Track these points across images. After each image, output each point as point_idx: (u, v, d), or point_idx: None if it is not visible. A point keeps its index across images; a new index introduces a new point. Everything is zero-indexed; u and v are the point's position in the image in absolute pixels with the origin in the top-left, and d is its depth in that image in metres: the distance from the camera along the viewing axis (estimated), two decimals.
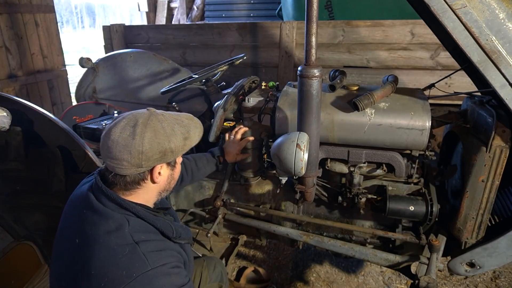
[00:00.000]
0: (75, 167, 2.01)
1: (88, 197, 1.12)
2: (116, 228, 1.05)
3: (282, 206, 2.01)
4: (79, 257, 1.04)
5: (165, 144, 1.07)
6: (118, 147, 1.04)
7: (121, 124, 1.07)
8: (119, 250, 1.01)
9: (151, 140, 1.05)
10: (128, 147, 1.04)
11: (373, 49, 3.44)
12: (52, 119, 1.93)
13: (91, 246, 1.03)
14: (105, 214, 1.07)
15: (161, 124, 1.08)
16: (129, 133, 1.05)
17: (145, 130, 1.05)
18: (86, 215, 1.09)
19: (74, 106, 2.90)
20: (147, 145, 1.05)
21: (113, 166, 1.07)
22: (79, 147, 1.96)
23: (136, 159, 1.05)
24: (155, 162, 1.09)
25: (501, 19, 1.31)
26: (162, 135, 1.07)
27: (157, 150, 1.07)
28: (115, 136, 1.05)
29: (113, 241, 1.03)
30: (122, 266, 0.99)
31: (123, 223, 1.06)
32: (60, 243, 1.16)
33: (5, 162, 1.63)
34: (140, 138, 1.04)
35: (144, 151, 1.04)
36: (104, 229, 1.04)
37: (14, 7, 4.06)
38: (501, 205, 1.81)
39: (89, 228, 1.06)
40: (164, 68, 3.04)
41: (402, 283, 2.55)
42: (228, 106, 1.88)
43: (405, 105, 1.65)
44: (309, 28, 1.34)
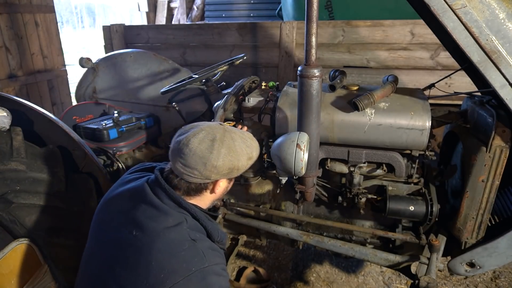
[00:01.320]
0: (75, 167, 2.01)
1: (146, 193, 1.18)
2: (175, 225, 1.12)
3: (282, 206, 2.01)
4: (138, 248, 1.08)
5: (234, 162, 1.16)
6: (195, 157, 1.11)
7: (200, 136, 1.13)
8: (179, 244, 1.08)
9: (225, 156, 1.13)
10: (204, 159, 1.11)
11: (373, 49, 3.44)
12: (52, 119, 1.93)
13: (150, 238, 1.08)
14: (164, 211, 1.14)
15: (234, 142, 1.17)
16: (207, 146, 1.12)
17: (221, 146, 1.13)
18: (144, 209, 1.14)
19: (74, 106, 2.90)
20: (221, 161, 1.13)
21: (183, 172, 1.14)
22: (79, 147, 1.96)
23: (209, 171, 1.13)
24: (222, 176, 1.18)
25: (501, 19, 1.31)
26: (234, 153, 1.16)
27: (227, 167, 1.15)
28: (193, 146, 1.11)
29: (173, 235, 1.09)
30: (182, 260, 1.05)
31: (182, 221, 1.14)
32: (103, 231, 1.20)
33: (5, 162, 1.63)
34: (217, 153, 1.12)
35: (218, 166, 1.12)
36: (164, 224, 1.11)
37: (14, 7, 4.06)
38: (501, 205, 1.81)
39: (149, 221, 1.11)
40: (164, 68, 3.04)
41: (402, 283, 2.55)
42: (228, 106, 1.88)
43: (405, 105, 1.65)
44: (309, 28, 1.34)
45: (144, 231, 1.10)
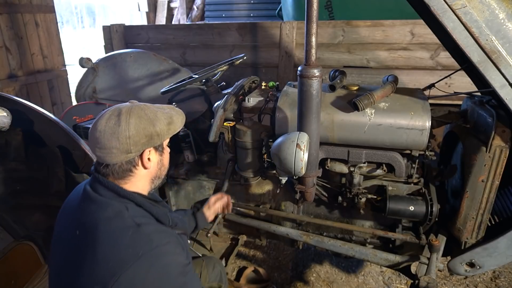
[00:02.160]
0: (75, 167, 2.01)
1: (85, 191, 1.14)
2: (116, 215, 1.07)
3: (282, 206, 2.01)
4: (81, 246, 1.05)
5: (150, 128, 1.12)
6: (106, 135, 1.08)
7: (106, 116, 1.11)
8: (122, 232, 1.04)
9: (136, 125, 1.09)
10: (115, 134, 1.07)
11: (373, 49, 3.44)
12: (52, 119, 1.93)
13: (93, 233, 1.04)
14: (103, 203, 1.09)
15: (143, 111, 1.13)
16: (114, 121, 1.09)
17: (129, 117, 1.09)
18: (84, 207, 1.11)
19: (74, 106, 2.89)
20: (133, 130, 1.09)
21: (103, 156, 1.10)
22: (79, 147, 1.96)
23: (125, 144, 1.08)
24: (143, 146, 1.12)
25: (501, 19, 1.31)
26: (146, 120, 1.12)
27: (143, 134, 1.11)
28: (101, 127, 1.09)
29: (114, 225, 1.05)
30: (127, 246, 1.01)
31: (122, 210, 1.09)
32: (58, 241, 1.17)
33: (5, 162, 1.63)
34: (125, 124, 1.08)
35: (131, 135, 1.08)
36: (104, 216, 1.07)
37: (14, 7, 4.06)
38: (501, 205, 1.81)
39: (89, 217, 1.08)
40: (164, 68, 3.03)
41: (402, 283, 2.55)
42: (228, 106, 1.88)
43: (405, 105, 1.65)
44: (309, 28, 1.34)
45: (86, 228, 1.07)
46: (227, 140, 1.98)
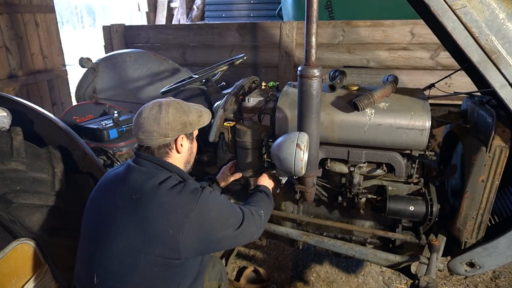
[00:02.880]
0: (75, 167, 2.01)
1: (130, 166, 1.35)
2: (166, 178, 1.31)
3: (282, 206, 2.01)
4: (143, 204, 1.24)
5: (184, 117, 1.36)
6: (149, 121, 1.32)
7: (149, 106, 1.35)
8: (177, 186, 1.29)
9: (174, 114, 1.33)
10: (157, 120, 1.31)
11: (373, 49, 3.44)
12: (52, 119, 1.93)
13: (153, 193, 1.26)
14: (152, 173, 1.32)
15: (179, 104, 1.38)
16: (156, 110, 1.33)
17: (169, 107, 1.34)
18: (134, 178, 1.31)
19: (74, 106, 2.89)
20: (171, 117, 1.33)
21: (145, 139, 1.33)
22: (79, 147, 1.96)
23: (164, 129, 1.32)
24: (178, 132, 1.35)
25: (501, 19, 1.31)
26: (182, 111, 1.36)
27: (179, 122, 1.34)
28: (145, 114, 1.33)
29: (170, 183, 1.29)
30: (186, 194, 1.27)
31: (171, 175, 1.33)
32: (100, 211, 1.34)
33: (5, 162, 1.63)
34: (165, 112, 1.32)
35: (169, 121, 1.32)
36: (157, 181, 1.29)
37: (14, 7, 4.06)
38: (501, 205, 1.81)
39: (143, 183, 1.28)
40: (164, 68, 3.04)
41: (402, 283, 2.55)
42: (228, 106, 1.88)
43: (405, 105, 1.65)
44: (309, 28, 1.34)
45: (143, 191, 1.26)
46: (227, 140, 1.98)
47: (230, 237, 1.35)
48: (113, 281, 1.26)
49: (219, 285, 1.76)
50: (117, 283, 1.26)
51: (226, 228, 1.33)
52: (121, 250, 1.24)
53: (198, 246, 1.29)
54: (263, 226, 1.53)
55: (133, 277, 1.25)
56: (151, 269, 1.24)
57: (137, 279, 1.25)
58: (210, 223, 1.29)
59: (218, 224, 1.31)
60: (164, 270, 1.26)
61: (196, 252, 1.31)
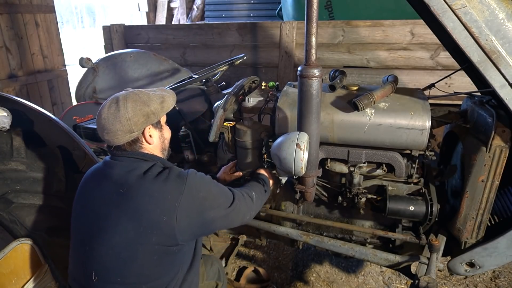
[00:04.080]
0: (75, 167, 2.01)
1: (111, 164, 1.33)
2: (150, 167, 1.30)
3: (282, 206, 2.01)
4: (132, 196, 1.24)
5: (145, 108, 1.31)
6: (110, 121, 1.27)
7: (107, 104, 1.30)
8: (163, 173, 1.28)
9: (133, 107, 1.28)
10: (117, 118, 1.27)
11: (373, 49, 3.44)
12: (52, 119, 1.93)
13: (139, 183, 1.26)
14: (134, 164, 1.31)
15: (138, 95, 1.32)
16: (114, 108, 1.28)
17: (126, 102, 1.28)
18: (117, 173, 1.29)
19: (74, 106, 2.89)
20: (131, 112, 1.28)
21: (111, 139, 1.30)
22: (79, 147, 1.96)
23: (127, 125, 1.27)
24: (142, 125, 1.31)
25: (501, 19, 1.31)
26: (141, 102, 1.30)
27: (141, 114, 1.29)
28: (104, 114, 1.29)
29: (154, 171, 1.29)
30: (173, 179, 1.27)
31: (154, 163, 1.32)
32: (88, 210, 1.32)
33: (5, 162, 1.63)
34: (124, 108, 1.27)
35: (130, 117, 1.27)
36: (141, 171, 1.28)
37: (14, 7, 4.06)
38: (501, 205, 1.81)
39: (128, 176, 1.27)
40: (164, 68, 3.04)
41: (402, 283, 2.55)
42: (228, 106, 1.88)
43: (405, 105, 1.65)
44: (309, 28, 1.34)
45: (130, 183, 1.26)
46: (227, 140, 1.98)
47: (222, 216, 1.37)
48: (113, 276, 1.26)
49: (216, 284, 1.76)
50: (117, 277, 1.26)
51: (217, 206, 1.35)
52: (117, 244, 1.24)
53: (193, 228, 1.30)
54: (255, 209, 1.55)
55: (132, 269, 1.25)
56: (150, 258, 1.25)
57: (137, 270, 1.26)
58: (201, 203, 1.30)
59: (209, 204, 1.32)
60: (162, 257, 1.28)
61: (192, 235, 1.33)
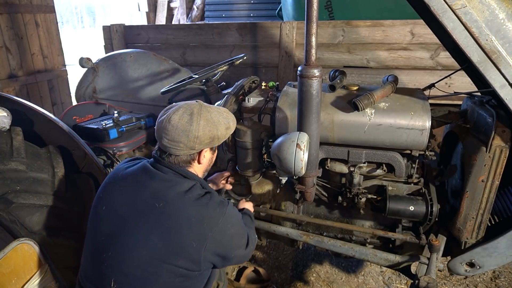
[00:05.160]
0: (75, 167, 2.01)
1: (151, 172, 1.30)
2: (191, 187, 1.28)
3: (282, 206, 2.01)
4: (167, 214, 1.22)
5: (214, 131, 1.30)
6: (178, 131, 1.25)
7: (180, 112, 1.27)
8: (203, 198, 1.27)
9: (205, 127, 1.27)
10: (186, 132, 1.25)
11: (373, 49, 3.44)
12: (52, 119, 1.93)
13: (177, 203, 1.23)
14: (176, 180, 1.28)
15: (210, 115, 1.30)
16: (187, 120, 1.26)
17: (200, 118, 1.27)
18: (157, 184, 1.27)
19: (74, 106, 2.89)
20: (201, 131, 1.27)
21: (169, 147, 1.28)
22: (79, 147, 1.96)
23: (192, 142, 1.27)
24: (205, 146, 1.31)
25: (501, 19, 1.31)
26: (212, 123, 1.30)
27: (208, 136, 1.29)
28: (175, 122, 1.26)
29: (195, 193, 1.27)
30: (212, 208, 1.26)
31: (194, 184, 1.31)
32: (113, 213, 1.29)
33: (5, 162, 1.63)
34: (196, 125, 1.26)
35: (199, 136, 1.27)
36: (182, 189, 1.26)
37: (14, 7, 4.06)
38: (501, 205, 1.81)
39: (167, 191, 1.25)
40: (164, 68, 3.04)
41: (402, 283, 2.55)
42: (228, 106, 1.88)
43: (405, 105, 1.65)
44: (309, 28, 1.34)
45: (168, 199, 1.23)
46: (227, 140, 1.97)
47: (240, 256, 1.40)
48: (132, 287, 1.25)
49: (217, 285, 1.76)
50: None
51: (239, 247, 1.38)
52: (143, 258, 1.22)
53: (215, 259, 1.31)
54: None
55: (153, 286, 1.24)
56: (172, 279, 1.25)
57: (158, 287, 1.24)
58: (229, 239, 1.32)
59: (235, 242, 1.35)
60: (183, 280, 1.28)
61: (211, 265, 1.33)
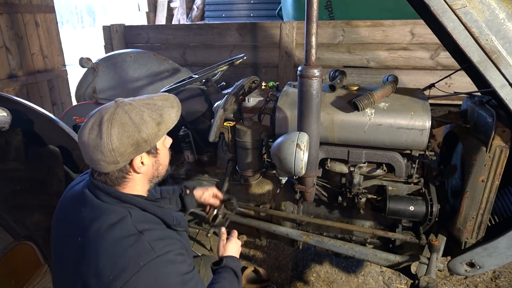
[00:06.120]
0: (75, 167, 2.01)
1: (85, 195, 1.11)
2: (119, 221, 1.05)
3: (282, 206, 2.01)
4: (84, 255, 1.03)
5: (135, 136, 1.05)
6: (90, 148, 1.04)
7: (89, 125, 1.05)
8: (124, 241, 1.02)
9: (119, 135, 1.03)
10: (98, 148, 1.03)
11: (373, 49, 3.44)
12: (52, 119, 1.93)
13: (95, 241, 1.02)
14: (105, 209, 1.07)
15: (128, 115, 1.05)
16: (96, 133, 1.03)
17: (110, 126, 1.03)
18: (85, 213, 1.09)
19: (74, 106, 2.89)
20: (116, 142, 1.02)
21: (93, 166, 1.09)
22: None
23: (110, 157, 1.03)
24: (130, 155, 1.07)
25: (501, 19, 1.31)
26: (131, 127, 1.04)
27: (128, 144, 1.04)
28: (85, 139, 1.05)
29: (118, 232, 1.03)
30: (128, 256, 0.99)
31: (125, 215, 1.07)
32: (59, 245, 1.16)
33: (5, 162, 1.63)
34: (107, 136, 1.02)
35: (115, 148, 1.03)
36: (106, 223, 1.04)
37: (14, 7, 4.06)
38: (501, 205, 1.81)
39: (91, 224, 1.05)
40: (164, 68, 3.04)
41: (402, 283, 2.55)
42: (228, 106, 1.88)
43: (405, 105, 1.65)
44: (309, 28, 1.34)
45: (88, 235, 1.04)
46: (227, 140, 1.97)
47: None
48: None
49: None
50: None
51: None
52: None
53: None
54: None
55: None
56: None
57: None
58: None
59: None
60: None
61: None
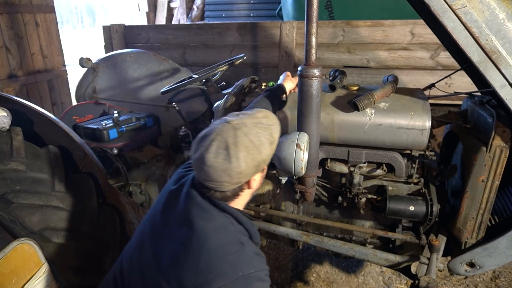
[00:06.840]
0: (75, 167, 2.01)
1: (193, 194, 1.18)
2: (224, 226, 1.13)
3: (282, 206, 2.01)
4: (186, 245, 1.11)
5: (258, 158, 1.12)
6: (217, 171, 1.08)
7: (213, 148, 1.08)
8: (228, 247, 1.09)
9: (246, 158, 1.09)
10: (227, 171, 1.08)
11: (373, 49, 3.44)
12: (52, 119, 1.93)
13: (200, 238, 1.10)
14: (212, 213, 1.15)
15: (248, 138, 1.10)
16: (224, 157, 1.07)
17: (237, 150, 1.07)
18: (195, 209, 1.16)
19: (74, 106, 2.90)
20: (244, 165, 1.09)
21: (214, 187, 1.13)
22: (79, 147, 1.96)
23: (236, 178, 1.11)
24: (251, 175, 1.15)
25: (501, 19, 1.31)
26: (253, 149, 1.10)
27: (253, 166, 1.11)
28: (211, 162, 1.08)
29: (223, 237, 1.11)
30: (230, 264, 1.07)
31: (228, 224, 1.15)
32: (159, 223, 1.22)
33: (5, 162, 1.63)
34: (236, 160, 1.07)
35: (243, 170, 1.09)
36: (212, 224, 1.12)
37: (14, 7, 4.06)
38: (501, 205, 1.81)
39: (199, 221, 1.13)
40: (164, 68, 3.04)
41: (402, 283, 2.55)
42: (228, 106, 1.88)
43: (405, 105, 1.65)
44: (309, 28, 1.34)
45: (195, 230, 1.11)
46: None
47: None
48: None
49: None
50: None
51: None
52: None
53: None
54: None
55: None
56: None
57: None
58: None
59: None
60: None
61: None
